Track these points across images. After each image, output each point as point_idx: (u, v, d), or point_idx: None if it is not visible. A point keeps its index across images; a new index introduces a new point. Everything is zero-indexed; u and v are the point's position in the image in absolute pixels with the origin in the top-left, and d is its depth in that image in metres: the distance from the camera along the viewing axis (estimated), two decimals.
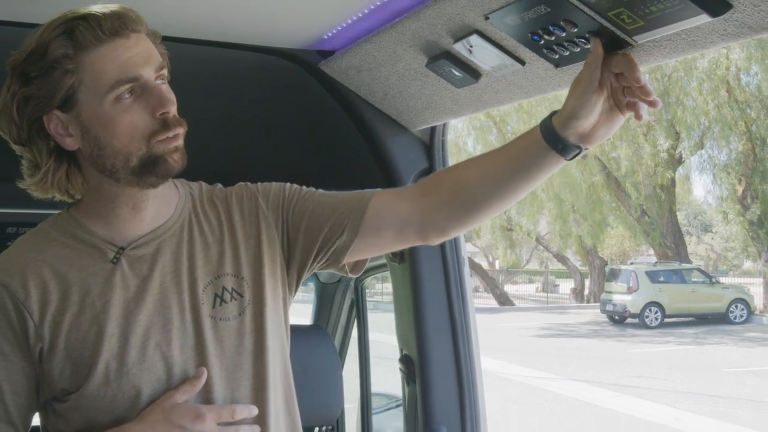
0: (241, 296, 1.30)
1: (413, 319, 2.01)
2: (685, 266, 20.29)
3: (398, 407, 2.45)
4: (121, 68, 1.16)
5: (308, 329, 2.60)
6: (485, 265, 30.69)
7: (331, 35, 1.80)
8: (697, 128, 19.14)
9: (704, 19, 1.08)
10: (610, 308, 19.14)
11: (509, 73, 1.51)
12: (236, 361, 1.28)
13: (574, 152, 1.22)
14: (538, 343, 15.88)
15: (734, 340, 16.17)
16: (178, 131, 1.20)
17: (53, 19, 1.17)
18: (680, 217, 26.20)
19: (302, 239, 1.35)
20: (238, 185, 1.40)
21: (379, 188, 1.40)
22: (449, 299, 2.01)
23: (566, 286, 29.41)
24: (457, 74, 1.60)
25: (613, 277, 19.77)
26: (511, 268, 30.53)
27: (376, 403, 2.80)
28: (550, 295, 28.61)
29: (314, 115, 2.13)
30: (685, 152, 20.27)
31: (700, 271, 20.71)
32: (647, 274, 18.97)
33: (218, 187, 1.41)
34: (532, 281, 35.99)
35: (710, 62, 17.46)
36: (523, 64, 1.45)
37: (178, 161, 1.21)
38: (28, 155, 1.24)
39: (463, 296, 2.02)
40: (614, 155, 20.05)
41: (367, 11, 1.60)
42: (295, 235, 1.36)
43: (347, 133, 2.06)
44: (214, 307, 1.27)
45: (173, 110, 1.20)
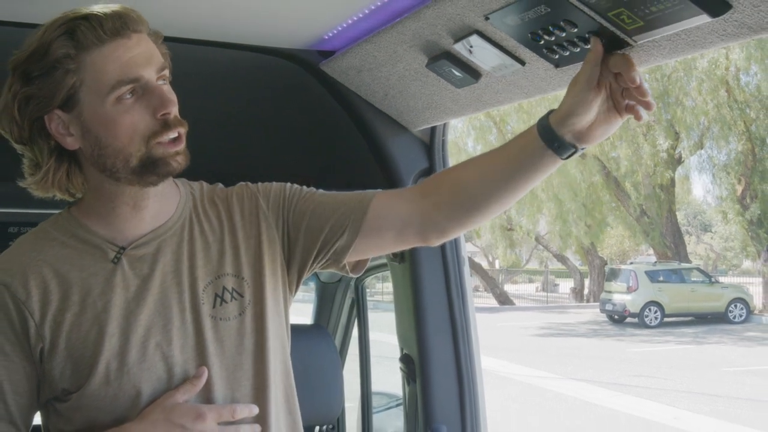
0: (241, 296, 1.30)
1: (413, 318, 2.01)
2: (684, 266, 20.29)
3: (398, 406, 2.45)
4: (122, 68, 1.16)
5: (309, 329, 2.61)
6: (485, 264, 30.69)
7: (331, 35, 1.80)
8: (696, 128, 19.15)
9: (704, 19, 1.08)
10: (609, 308, 19.14)
11: (509, 73, 1.51)
12: (236, 360, 1.28)
13: (569, 151, 1.22)
14: (537, 342, 15.87)
15: (733, 339, 16.17)
16: (178, 132, 1.20)
17: (55, 19, 1.17)
18: (680, 216, 26.19)
19: (303, 239, 1.35)
20: (238, 185, 1.40)
21: (379, 188, 1.41)
22: (449, 299, 2.01)
23: (566, 285, 29.42)
24: (457, 74, 1.60)
25: (612, 276, 19.77)
26: (511, 267, 30.52)
27: (376, 402, 2.80)
28: (549, 294, 28.60)
29: (315, 115, 2.13)
30: (684, 152, 20.27)
31: (699, 270, 20.70)
32: (647, 273, 18.97)
33: (219, 186, 1.41)
34: (532, 281, 35.99)
35: (710, 62, 17.47)
36: (523, 64, 1.45)
37: (181, 162, 1.22)
38: (29, 154, 1.24)
39: (463, 296, 2.02)
40: (614, 155, 20.06)
41: (367, 11, 1.60)
42: (295, 235, 1.36)
43: (347, 133, 2.06)
44: (214, 306, 1.27)
45: (174, 111, 1.20)
